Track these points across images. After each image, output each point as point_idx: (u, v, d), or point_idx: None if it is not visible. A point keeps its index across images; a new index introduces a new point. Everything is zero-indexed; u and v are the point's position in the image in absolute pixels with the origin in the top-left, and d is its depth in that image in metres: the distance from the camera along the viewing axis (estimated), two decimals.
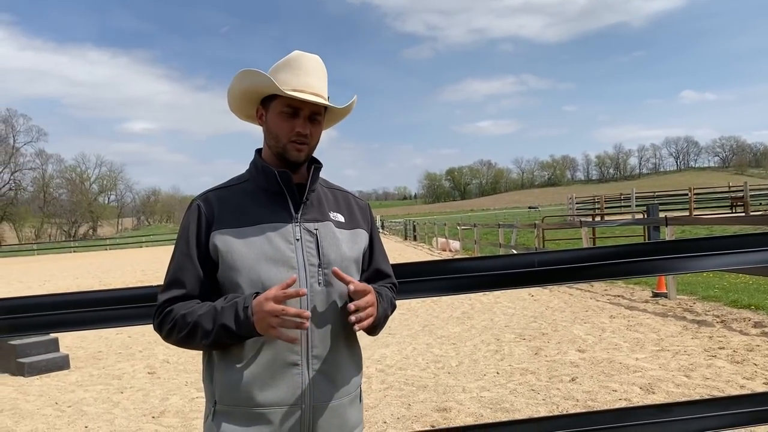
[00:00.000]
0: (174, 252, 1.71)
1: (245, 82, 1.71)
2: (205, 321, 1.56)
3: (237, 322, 1.53)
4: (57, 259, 48.23)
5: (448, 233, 30.18)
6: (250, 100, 1.77)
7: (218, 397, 1.64)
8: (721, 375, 5.51)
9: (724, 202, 37.13)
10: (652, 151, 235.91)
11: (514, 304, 10.75)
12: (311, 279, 1.64)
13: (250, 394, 1.60)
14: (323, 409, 1.65)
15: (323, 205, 1.77)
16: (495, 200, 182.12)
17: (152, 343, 9.02)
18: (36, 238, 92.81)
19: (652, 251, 2.46)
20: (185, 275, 1.66)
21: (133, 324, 2.17)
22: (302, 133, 1.68)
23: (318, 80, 1.71)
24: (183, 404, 5.71)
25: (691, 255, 2.43)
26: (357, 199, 1.91)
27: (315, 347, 1.63)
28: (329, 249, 1.69)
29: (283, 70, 1.70)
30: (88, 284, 21.12)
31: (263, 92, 1.71)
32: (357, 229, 1.81)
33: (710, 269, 2.44)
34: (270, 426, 1.61)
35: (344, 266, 1.70)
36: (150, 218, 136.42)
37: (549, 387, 5.49)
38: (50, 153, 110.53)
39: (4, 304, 2.09)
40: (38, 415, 5.66)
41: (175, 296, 1.65)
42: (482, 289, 2.38)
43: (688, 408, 2.49)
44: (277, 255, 1.64)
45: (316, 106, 1.70)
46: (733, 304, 8.81)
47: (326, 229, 1.72)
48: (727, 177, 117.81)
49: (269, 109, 1.72)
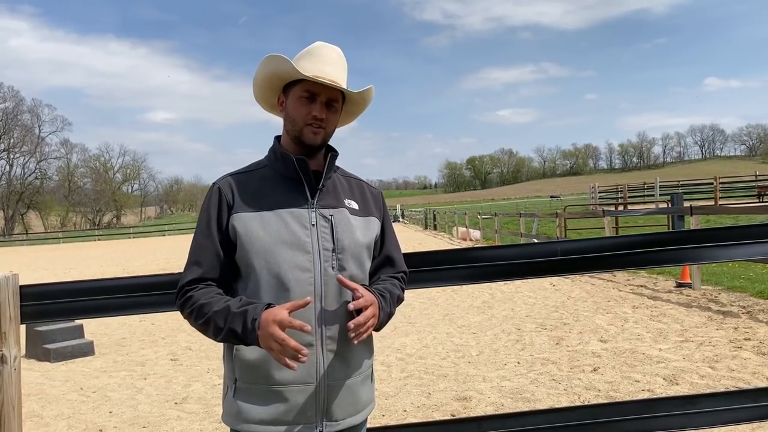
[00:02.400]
0: (195, 233, 1.79)
1: (268, 67, 1.79)
2: (218, 318, 1.62)
3: (244, 330, 1.58)
4: (82, 247, 49.05)
5: (469, 222, 30.07)
6: (273, 86, 1.84)
7: (238, 375, 1.72)
8: (746, 367, 5.42)
9: (750, 191, 36.49)
10: (676, 139, 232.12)
11: (535, 293, 10.69)
12: (325, 263, 1.71)
13: (268, 372, 1.68)
14: (337, 387, 1.73)
15: (338, 192, 1.84)
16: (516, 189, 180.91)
17: (175, 330, 9.13)
18: (61, 227, 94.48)
19: (678, 240, 2.41)
20: (205, 256, 1.74)
21: (158, 311, 2.18)
22: (318, 117, 1.75)
23: (336, 69, 1.78)
24: (205, 391, 5.77)
25: (720, 244, 2.37)
26: (370, 187, 1.97)
27: (328, 328, 1.71)
28: (343, 234, 1.76)
29: (304, 58, 1.78)
30: (112, 272, 21.45)
31: (284, 77, 1.79)
32: (370, 216, 1.87)
33: (739, 259, 2.38)
34: (287, 403, 1.68)
35: (357, 252, 1.77)
36: (173, 207, 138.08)
37: (570, 377, 5.45)
38: (75, 142, 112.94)
39: (31, 290, 2.12)
40: (64, 400, 5.76)
41: (196, 277, 1.72)
42: (504, 278, 2.36)
43: (715, 399, 2.44)
44: (293, 239, 1.70)
45: (333, 92, 1.77)
46: (760, 295, 8.66)
47: (341, 215, 1.78)
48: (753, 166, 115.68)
49: (289, 95, 1.80)
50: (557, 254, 2.29)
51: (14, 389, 2.06)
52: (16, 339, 2.08)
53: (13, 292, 2.06)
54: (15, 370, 2.06)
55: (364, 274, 1.80)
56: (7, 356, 2.03)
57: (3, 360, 2.02)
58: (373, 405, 1.89)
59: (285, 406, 1.68)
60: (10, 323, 2.04)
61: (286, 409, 1.68)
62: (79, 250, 44.57)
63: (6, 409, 2.03)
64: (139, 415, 5.15)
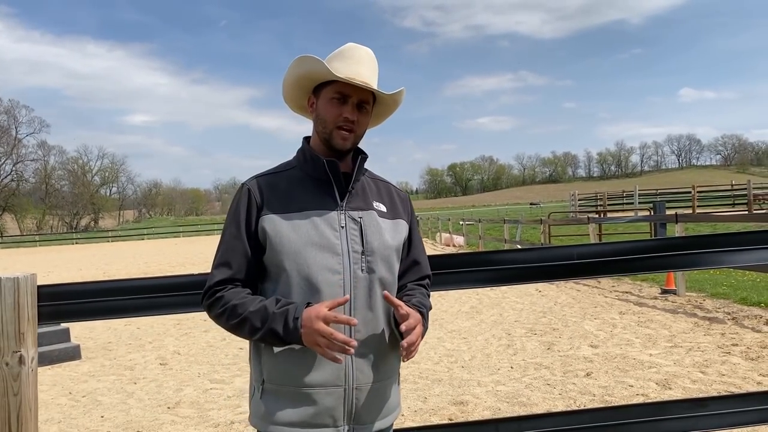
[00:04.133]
0: (223, 234, 1.78)
1: (300, 68, 1.79)
2: (254, 318, 1.63)
3: (286, 330, 1.59)
4: (59, 250, 48.28)
5: (452, 228, 30.18)
6: (303, 87, 1.84)
7: (266, 376, 1.71)
8: (736, 371, 5.51)
9: (726, 200, 37.17)
10: (654, 148, 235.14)
11: (522, 299, 10.76)
12: (354, 265, 1.71)
13: (297, 375, 1.67)
14: (366, 391, 1.72)
15: (367, 195, 1.84)
16: (496, 196, 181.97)
17: (162, 335, 9.03)
18: (38, 230, 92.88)
19: (688, 245, 2.45)
20: (234, 257, 1.73)
21: (178, 312, 2.17)
22: (349, 119, 1.75)
23: (368, 70, 1.78)
24: (197, 395, 5.72)
25: (731, 249, 2.42)
26: (398, 190, 1.97)
27: (358, 331, 1.70)
28: (372, 237, 1.75)
29: (335, 59, 1.78)
30: (92, 275, 21.15)
31: (315, 78, 1.78)
32: (398, 219, 1.87)
33: (752, 263, 2.43)
34: (315, 406, 1.68)
35: (386, 254, 1.77)
36: (151, 210, 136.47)
37: (564, 382, 5.49)
38: (52, 144, 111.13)
39: (49, 290, 2.09)
40: (53, 405, 5.67)
41: (224, 278, 1.72)
42: (522, 281, 2.38)
43: (724, 402, 2.49)
44: (323, 241, 1.70)
45: (364, 93, 1.76)
46: (743, 302, 8.81)
47: (370, 217, 1.78)
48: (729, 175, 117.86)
49: (320, 96, 1.80)
50: (574, 258, 2.32)
51: (31, 391, 2.03)
52: (34, 340, 2.05)
53: (31, 292, 2.03)
54: (32, 371, 2.03)
55: (393, 276, 1.80)
56: (25, 357, 2.00)
57: (21, 361, 1.99)
58: (399, 409, 1.90)
59: (313, 409, 1.67)
60: (28, 324, 2.01)
61: (314, 412, 1.67)
62: (56, 253, 43.86)
63: (23, 410, 1.99)
64: (132, 420, 5.09)
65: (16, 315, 1.99)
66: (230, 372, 6.55)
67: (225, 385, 6.01)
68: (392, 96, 1.83)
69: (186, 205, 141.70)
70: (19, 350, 1.99)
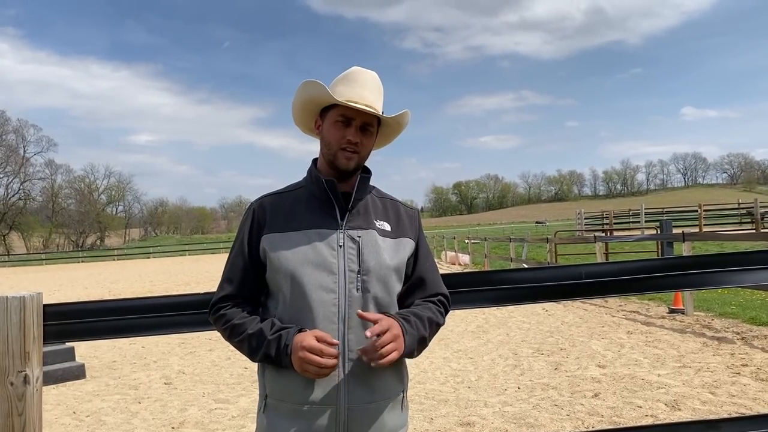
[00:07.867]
0: (230, 252, 1.86)
1: (305, 92, 1.84)
2: (253, 341, 1.71)
3: (278, 355, 1.66)
4: (65, 269, 48.39)
5: (458, 246, 30.10)
6: (310, 110, 1.89)
7: (268, 392, 1.77)
8: (746, 392, 5.43)
9: (733, 218, 37.03)
10: (659, 167, 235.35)
11: (528, 318, 10.69)
12: (350, 285, 1.73)
13: (294, 391, 1.71)
14: (359, 411, 1.72)
15: (369, 214, 1.84)
16: (502, 214, 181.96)
17: (167, 354, 9.00)
18: (44, 248, 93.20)
19: (698, 264, 2.43)
20: (237, 274, 1.82)
21: (183, 331, 2.16)
22: (352, 141, 1.77)
23: (372, 93, 1.81)
24: (202, 415, 5.68)
25: (739, 269, 2.40)
26: (406, 207, 1.97)
27: (351, 351, 1.71)
28: (369, 256, 1.76)
29: (341, 83, 1.82)
30: (97, 294, 21.16)
31: (320, 102, 1.83)
32: (403, 237, 1.86)
33: (761, 283, 2.40)
34: (308, 423, 1.70)
35: (383, 274, 1.77)
36: (157, 229, 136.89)
37: (572, 402, 5.43)
38: (60, 163, 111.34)
39: (54, 309, 2.09)
40: (57, 425, 5.64)
41: (227, 294, 1.80)
42: (531, 301, 2.36)
43: (737, 424, 2.45)
44: (320, 260, 1.73)
45: (368, 116, 1.79)
46: (752, 321, 8.72)
47: (369, 236, 1.79)
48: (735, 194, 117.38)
49: (325, 119, 1.84)
50: (582, 277, 2.30)
51: (36, 411, 2.01)
52: (39, 359, 2.04)
53: (37, 311, 2.02)
54: (37, 391, 2.02)
55: (390, 297, 1.79)
56: (30, 377, 1.99)
57: (26, 380, 1.98)
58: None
59: (307, 426, 1.70)
60: (33, 343, 2.01)
61: (307, 429, 1.70)
62: (62, 271, 43.95)
63: (28, 431, 1.98)
64: None
65: (22, 334, 1.98)
66: (235, 392, 6.50)
67: (230, 405, 5.96)
68: (395, 118, 1.85)
69: (192, 223, 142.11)
70: (24, 370, 1.99)
